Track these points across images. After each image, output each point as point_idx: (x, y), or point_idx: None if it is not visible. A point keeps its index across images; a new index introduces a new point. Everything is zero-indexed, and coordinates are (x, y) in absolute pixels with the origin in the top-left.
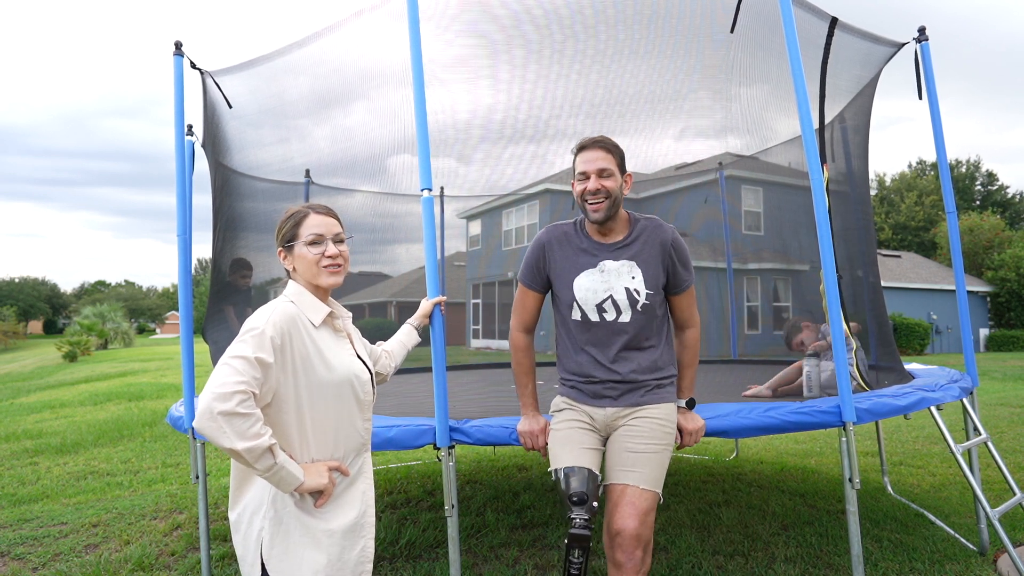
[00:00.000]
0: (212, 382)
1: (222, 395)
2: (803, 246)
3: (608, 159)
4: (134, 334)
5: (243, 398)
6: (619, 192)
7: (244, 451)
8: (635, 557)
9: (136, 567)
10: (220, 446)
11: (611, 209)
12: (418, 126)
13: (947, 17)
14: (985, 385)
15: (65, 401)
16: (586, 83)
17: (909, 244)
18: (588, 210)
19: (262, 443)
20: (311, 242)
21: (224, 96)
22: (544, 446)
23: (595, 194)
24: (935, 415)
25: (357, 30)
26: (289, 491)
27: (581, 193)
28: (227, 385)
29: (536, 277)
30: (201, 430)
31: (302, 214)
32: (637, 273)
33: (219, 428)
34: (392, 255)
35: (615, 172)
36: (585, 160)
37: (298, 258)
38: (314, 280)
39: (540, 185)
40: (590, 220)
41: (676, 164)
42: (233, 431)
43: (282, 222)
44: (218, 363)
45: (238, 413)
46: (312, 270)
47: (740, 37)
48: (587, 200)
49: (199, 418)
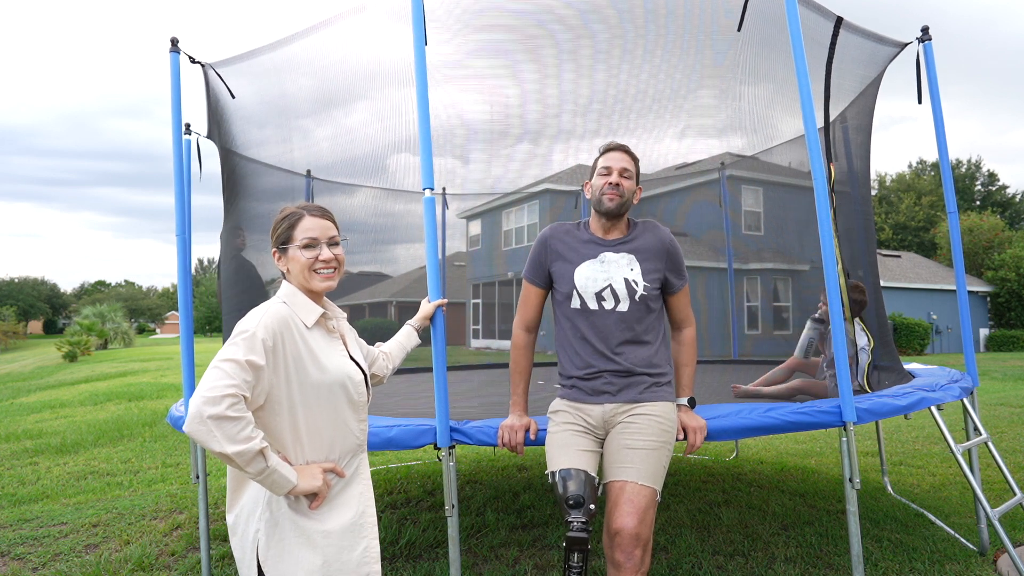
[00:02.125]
0: (202, 385)
1: (211, 399)
2: (803, 246)
3: (631, 163)
4: (134, 334)
5: (233, 402)
6: (631, 196)
7: (234, 455)
8: (634, 557)
9: (136, 567)
10: (210, 450)
11: (622, 206)
12: (420, 125)
13: (951, 17)
14: (985, 385)
15: (65, 401)
16: (588, 82)
17: (909, 244)
18: (604, 199)
19: (252, 447)
20: (305, 246)
21: (227, 86)
22: (521, 443)
23: (615, 187)
24: (935, 415)
25: (359, 28)
26: (283, 494)
27: (602, 186)
28: (216, 389)
29: (539, 272)
30: (191, 434)
31: (297, 216)
32: (636, 266)
33: (208, 432)
34: (392, 255)
35: (633, 177)
36: (611, 159)
37: (292, 261)
38: (307, 284)
39: (541, 185)
40: (602, 210)
41: (676, 164)
42: (223, 435)
43: (277, 222)
44: (209, 366)
45: (228, 417)
46: (305, 274)
47: (746, 36)
48: (605, 191)
49: (189, 422)
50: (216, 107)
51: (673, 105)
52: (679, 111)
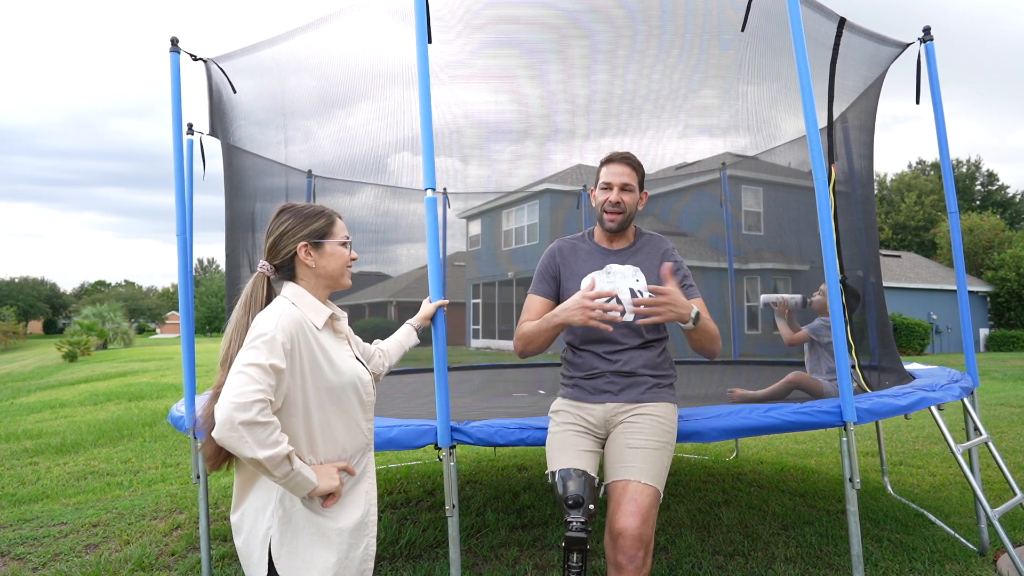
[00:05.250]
0: (229, 391)
1: (242, 404)
2: (803, 246)
3: (632, 176)
4: (134, 334)
5: (262, 407)
6: (634, 207)
7: (265, 460)
8: (636, 558)
9: (136, 567)
10: (242, 456)
11: (625, 222)
12: (423, 125)
13: (953, 17)
14: (985, 385)
15: (65, 401)
16: (589, 81)
17: (909, 244)
18: (605, 219)
19: (282, 451)
20: (343, 243)
21: (229, 81)
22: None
23: (615, 206)
24: (935, 415)
25: (361, 26)
26: (303, 495)
27: (603, 203)
28: (246, 394)
29: (549, 283)
30: (222, 441)
31: (332, 214)
32: (641, 277)
33: (240, 438)
34: (393, 255)
35: (635, 188)
36: (611, 172)
37: (329, 256)
38: (338, 280)
39: (541, 184)
40: (604, 228)
41: (676, 164)
42: (254, 440)
43: (311, 215)
44: (231, 371)
45: (258, 422)
46: (340, 270)
47: (750, 36)
48: (606, 211)
49: (219, 428)
50: (219, 102)
51: (675, 104)
52: (681, 110)
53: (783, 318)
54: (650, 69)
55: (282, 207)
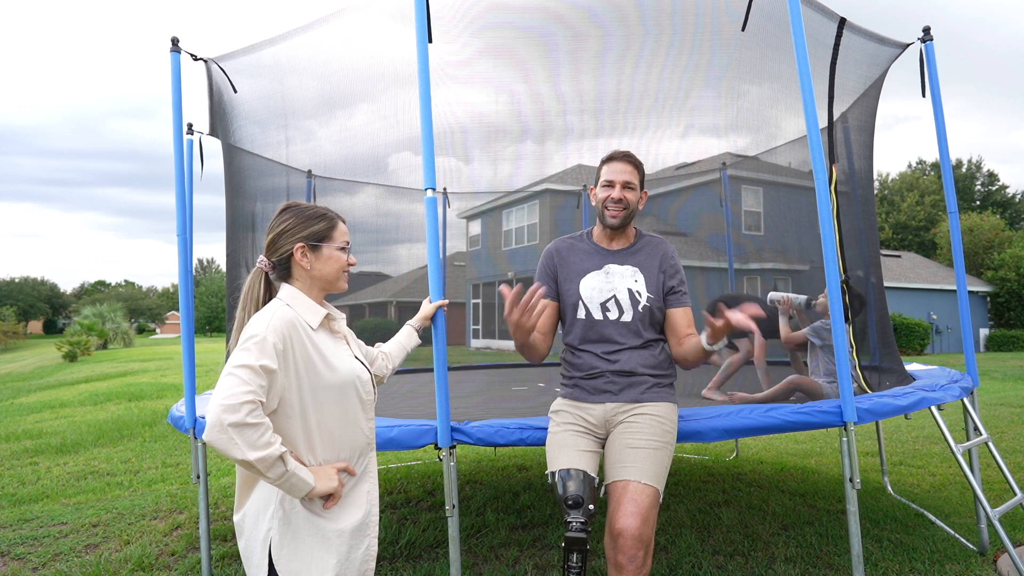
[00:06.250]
0: (219, 393)
1: (230, 406)
2: (803, 246)
3: (634, 174)
4: (134, 334)
5: (252, 408)
6: (636, 205)
7: (256, 461)
8: (636, 559)
9: (136, 567)
10: (232, 457)
11: (626, 219)
12: (423, 125)
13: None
14: (985, 385)
15: (65, 401)
16: (590, 81)
17: (909, 244)
18: (607, 215)
19: (273, 452)
20: (342, 248)
21: (230, 81)
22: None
23: (617, 203)
24: (935, 415)
25: (361, 26)
26: (300, 496)
27: (604, 200)
28: (235, 396)
29: (547, 285)
30: (211, 443)
31: (335, 218)
32: (640, 277)
33: (230, 440)
34: (393, 255)
35: (636, 187)
36: (613, 171)
37: (326, 260)
38: (334, 284)
39: (541, 184)
40: (606, 225)
41: (676, 164)
42: (244, 442)
43: (311, 218)
44: (222, 373)
45: (248, 424)
46: (336, 275)
47: (751, 36)
48: (608, 207)
49: (209, 431)
50: (219, 102)
51: (676, 104)
52: (682, 110)
53: (785, 316)
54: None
55: (286, 205)
